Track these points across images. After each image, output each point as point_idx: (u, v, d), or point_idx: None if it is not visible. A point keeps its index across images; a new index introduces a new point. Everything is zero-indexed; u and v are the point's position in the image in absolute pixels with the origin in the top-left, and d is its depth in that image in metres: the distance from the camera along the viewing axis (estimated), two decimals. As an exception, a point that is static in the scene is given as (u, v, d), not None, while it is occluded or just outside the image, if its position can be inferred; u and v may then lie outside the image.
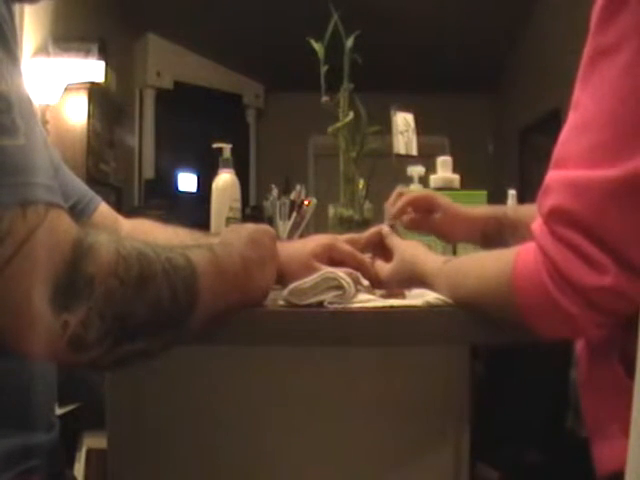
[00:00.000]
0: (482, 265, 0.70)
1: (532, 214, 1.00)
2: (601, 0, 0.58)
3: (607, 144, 0.56)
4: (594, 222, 0.55)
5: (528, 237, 0.61)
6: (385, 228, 0.99)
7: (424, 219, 1.05)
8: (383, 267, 0.92)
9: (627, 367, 0.59)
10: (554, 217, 0.58)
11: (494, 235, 1.03)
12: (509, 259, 0.62)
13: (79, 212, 1.01)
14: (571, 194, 0.57)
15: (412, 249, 0.90)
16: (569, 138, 0.60)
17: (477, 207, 1.08)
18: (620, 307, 0.56)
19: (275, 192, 1.47)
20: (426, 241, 1.07)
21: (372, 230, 1.00)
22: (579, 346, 0.71)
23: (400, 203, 1.03)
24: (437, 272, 0.79)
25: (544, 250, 0.58)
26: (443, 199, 1.05)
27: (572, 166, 0.58)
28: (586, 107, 0.59)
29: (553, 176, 0.60)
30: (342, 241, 0.94)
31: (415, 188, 1.48)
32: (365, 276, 0.86)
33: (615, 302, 0.56)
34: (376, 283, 0.90)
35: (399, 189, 1.07)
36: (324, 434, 0.89)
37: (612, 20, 0.57)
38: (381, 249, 0.97)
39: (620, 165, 0.55)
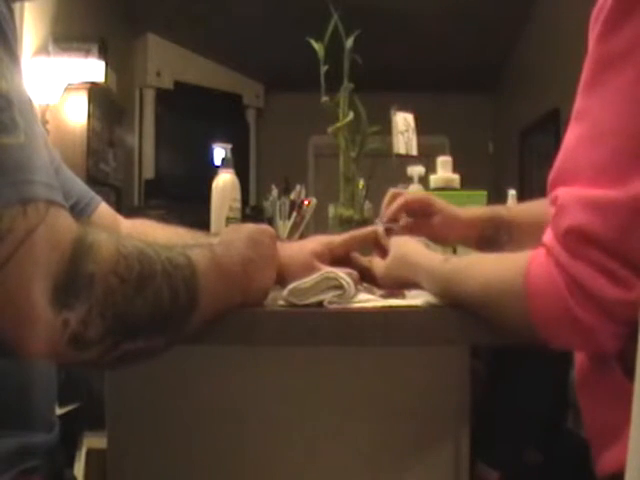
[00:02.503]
0: (488, 272, 0.67)
1: (525, 213, 0.99)
2: (608, 6, 0.56)
3: (623, 157, 0.55)
4: (617, 241, 0.54)
5: (523, 238, 0.60)
6: (380, 229, 0.94)
7: (419, 223, 0.99)
8: (379, 264, 0.90)
9: (625, 369, 0.59)
10: (572, 237, 0.56)
11: (490, 237, 0.98)
12: (519, 272, 0.60)
13: (79, 212, 1.01)
14: (590, 214, 0.55)
15: (405, 247, 0.86)
16: (578, 151, 0.58)
17: (472, 208, 1.03)
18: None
19: (275, 192, 1.47)
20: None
21: (369, 229, 0.96)
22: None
23: (394, 206, 0.97)
24: (432, 271, 0.76)
25: (564, 268, 0.56)
26: (439, 201, 0.99)
27: (586, 182, 0.56)
28: (595, 117, 0.57)
29: (567, 194, 0.57)
30: (339, 241, 0.92)
31: (415, 188, 1.48)
32: (365, 278, 0.86)
33: (636, 314, 0.55)
34: (374, 283, 0.89)
35: (393, 190, 1.01)
36: (324, 434, 0.89)
37: (620, 27, 0.55)
38: (380, 247, 0.95)
39: None
